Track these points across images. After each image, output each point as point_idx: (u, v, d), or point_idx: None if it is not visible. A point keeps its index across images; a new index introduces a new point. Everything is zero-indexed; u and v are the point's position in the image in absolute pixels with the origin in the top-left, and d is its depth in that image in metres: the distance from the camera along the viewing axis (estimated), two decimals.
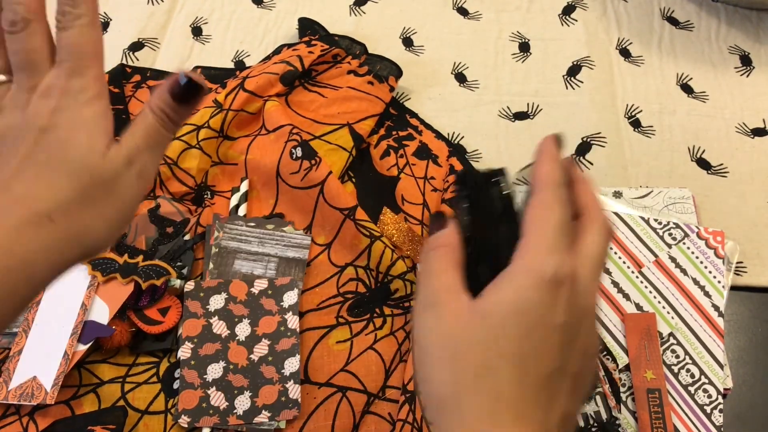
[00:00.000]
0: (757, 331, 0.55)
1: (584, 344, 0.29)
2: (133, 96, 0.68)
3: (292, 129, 0.60)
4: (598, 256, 0.30)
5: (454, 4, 0.78)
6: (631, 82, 0.70)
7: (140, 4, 0.78)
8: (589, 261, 0.30)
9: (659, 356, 0.52)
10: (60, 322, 0.51)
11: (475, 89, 0.70)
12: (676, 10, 0.76)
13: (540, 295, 0.28)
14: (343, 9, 0.77)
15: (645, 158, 0.65)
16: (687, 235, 0.57)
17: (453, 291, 0.30)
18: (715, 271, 0.56)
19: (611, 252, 0.57)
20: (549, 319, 0.28)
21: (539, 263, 0.28)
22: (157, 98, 0.32)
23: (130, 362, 0.53)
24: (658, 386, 0.51)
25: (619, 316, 0.54)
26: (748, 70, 0.71)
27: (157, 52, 0.73)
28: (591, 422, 0.50)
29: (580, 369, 0.29)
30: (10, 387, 0.49)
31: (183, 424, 0.49)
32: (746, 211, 0.61)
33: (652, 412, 0.50)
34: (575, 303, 0.29)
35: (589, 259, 0.30)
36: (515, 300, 0.28)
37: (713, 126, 0.67)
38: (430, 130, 0.65)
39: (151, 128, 0.32)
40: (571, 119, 0.67)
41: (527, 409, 0.28)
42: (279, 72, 0.64)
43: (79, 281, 0.53)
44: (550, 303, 0.28)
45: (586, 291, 0.29)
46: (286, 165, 0.59)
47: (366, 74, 0.67)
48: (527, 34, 0.75)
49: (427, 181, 0.61)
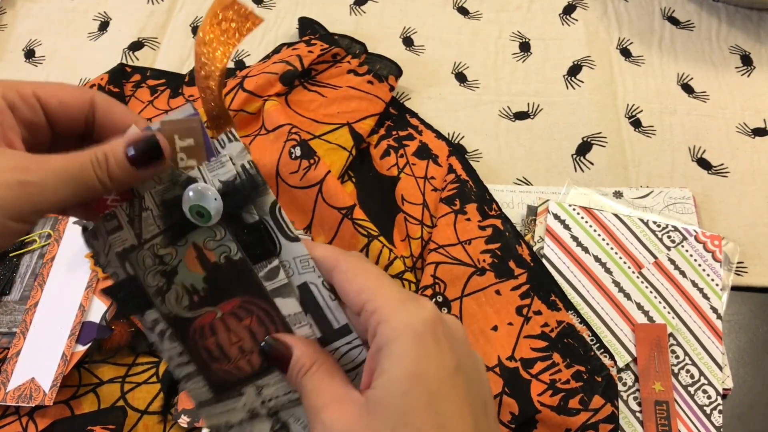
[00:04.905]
0: (758, 331, 0.55)
1: (478, 372, 0.29)
2: (133, 96, 0.68)
3: (292, 128, 0.60)
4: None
5: (454, 4, 0.77)
6: (631, 81, 0.70)
7: (140, 4, 0.78)
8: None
9: (668, 368, 0.52)
10: (58, 324, 0.51)
11: (476, 89, 0.70)
12: (677, 10, 0.76)
13: (424, 349, 0.26)
14: (343, 8, 0.77)
15: (645, 158, 0.64)
16: (685, 238, 0.57)
17: (338, 401, 0.27)
18: (713, 274, 0.56)
19: (612, 252, 0.57)
20: (442, 365, 0.26)
21: (404, 318, 0.26)
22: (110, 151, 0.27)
23: (129, 362, 0.53)
24: (666, 398, 0.51)
25: (629, 325, 0.54)
26: (749, 69, 0.71)
27: (156, 51, 0.73)
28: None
29: (487, 392, 0.29)
30: (9, 388, 0.49)
31: (183, 424, 0.49)
32: (747, 211, 0.61)
33: (659, 424, 0.50)
34: (452, 336, 0.27)
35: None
36: (405, 368, 0.26)
37: (714, 126, 0.67)
38: (431, 129, 0.65)
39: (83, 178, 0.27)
40: (572, 119, 0.67)
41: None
42: (278, 71, 0.64)
43: (77, 282, 0.53)
44: (436, 350, 0.26)
45: (454, 324, 0.28)
46: (286, 165, 0.59)
47: (366, 73, 0.67)
48: (528, 33, 0.75)
49: (427, 180, 0.61)
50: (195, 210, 0.28)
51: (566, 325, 0.54)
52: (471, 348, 0.29)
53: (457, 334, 0.28)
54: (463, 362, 0.27)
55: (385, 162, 0.63)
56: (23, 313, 0.53)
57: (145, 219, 0.28)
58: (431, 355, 0.26)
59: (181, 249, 0.29)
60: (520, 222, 0.60)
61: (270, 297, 0.30)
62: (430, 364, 0.26)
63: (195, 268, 0.29)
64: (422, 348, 0.26)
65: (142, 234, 0.29)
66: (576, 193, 0.61)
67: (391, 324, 0.26)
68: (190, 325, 0.30)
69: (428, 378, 0.26)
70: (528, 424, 0.50)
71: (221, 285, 0.30)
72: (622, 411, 0.51)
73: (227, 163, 0.28)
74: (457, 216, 0.59)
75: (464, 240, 0.57)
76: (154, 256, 0.29)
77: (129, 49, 0.73)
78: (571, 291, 0.56)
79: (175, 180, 0.28)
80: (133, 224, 0.28)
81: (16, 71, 0.73)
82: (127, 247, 0.29)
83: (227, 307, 0.30)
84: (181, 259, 0.29)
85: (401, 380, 0.26)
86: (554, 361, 0.52)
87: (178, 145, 0.28)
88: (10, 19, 0.77)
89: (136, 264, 0.29)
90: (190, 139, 0.28)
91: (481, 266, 0.56)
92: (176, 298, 0.30)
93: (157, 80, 0.70)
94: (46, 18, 0.77)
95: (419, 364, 0.26)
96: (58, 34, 0.76)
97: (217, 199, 0.28)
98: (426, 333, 0.26)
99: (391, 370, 0.26)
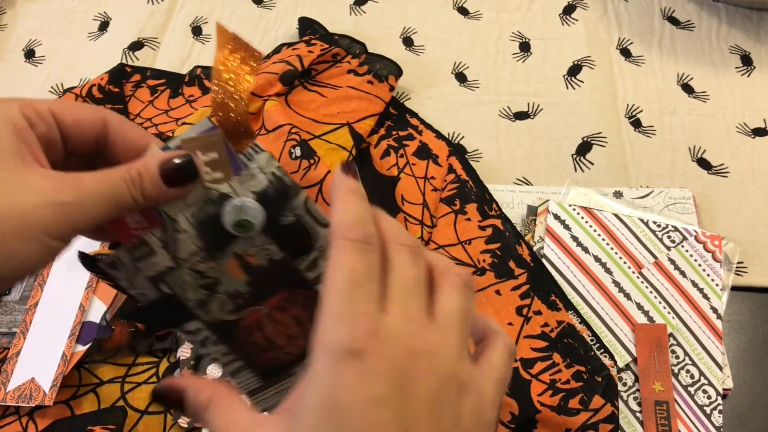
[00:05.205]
0: (758, 331, 0.55)
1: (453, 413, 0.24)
2: (133, 95, 0.68)
3: (292, 129, 0.60)
4: (502, 369, 0.27)
5: (454, 4, 0.77)
6: (631, 81, 0.70)
7: (140, 4, 0.78)
8: (493, 372, 0.27)
9: (668, 368, 0.52)
10: (58, 324, 0.51)
11: (476, 89, 0.70)
12: (677, 10, 0.76)
13: (341, 376, 0.23)
14: (343, 8, 0.77)
15: (645, 158, 0.64)
16: (685, 238, 0.57)
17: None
18: (713, 274, 0.56)
19: (612, 252, 0.57)
20: (360, 395, 0.22)
21: (327, 336, 0.23)
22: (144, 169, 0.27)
23: (129, 362, 0.53)
24: (666, 399, 0.51)
25: (629, 325, 0.54)
26: (749, 69, 0.71)
27: (156, 51, 0.73)
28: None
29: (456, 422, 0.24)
30: (9, 388, 0.49)
31: (183, 424, 0.49)
32: (747, 211, 0.61)
33: (659, 424, 0.50)
34: (395, 357, 0.23)
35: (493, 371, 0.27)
36: (319, 396, 0.23)
37: (714, 126, 0.67)
38: (431, 129, 0.65)
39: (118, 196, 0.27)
40: (572, 119, 0.67)
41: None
42: (278, 71, 0.64)
43: (77, 282, 0.53)
44: (355, 377, 0.23)
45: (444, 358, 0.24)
46: (286, 165, 0.59)
47: (366, 73, 0.67)
48: (528, 33, 0.75)
49: (427, 180, 0.61)
50: (238, 224, 0.28)
51: (566, 325, 0.54)
52: (455, 376, 0.25)
53: (407, 355, 0.24)
54: (394, 392, 0.23)
55: (385, 162, 0.63)
56: (23, 313, 0.53)
57: (181, 241, 0.28)
58: (347, 384, 0.23)
59: (222, 261, 0.29)
60: (520, 222, 0.60)
61: (312, 285, 0.31)
62: (347, 392, 0.23)
63: (238, 275, 0.29)
64: (339, 373, 0.23)
65: (178, 254, 0.28)
66: (576, 193, 0.61)
67: (319, 341, 0.24)
68: (235, 327, 0.31)
69: (341, 409, 0.22)
70: (528, 424, 0.50)
71: (265, 285, 0.30)
72: (622, 411, 0.51)
73: (258, 174, 0.28)
74: (457, 216, 0.59)
75: (464, 240, 0.57)
76: (194, 272, 0.29)
77: (129, 49, 0.73)
78: (571, 291, 0.56)
79: (208, 198, 0.28)
80: (167, 248, 0.28)
81: (16, 71, 0.73)
82: (162, 269, 0.28)
83: (272, 303, 0.31)
84: (223, 271, 0.29)
85: (315, 409, 0.23)
86: (554, 361, 0.52)
87: (203, 160, 0.28)
88: (10, 19, 0.77)
89: (174, 283, 0.29)
90: (213, 153, 0.28)
91: (481, 266, 0.56)
92: (219, 306, 0.30)
93: (157, 80, 0.70)
94: (46, 18, 0.77)
95: (332, 393, 0.23)
96: (58, 34, 0.76)
97: (259, 208, 0.28)
98: (346, 355, 0.23)
99: (305, 397, 0.24)
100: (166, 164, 0.27)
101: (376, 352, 0.23)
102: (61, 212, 0.25)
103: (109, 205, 0.26)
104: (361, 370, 0.23)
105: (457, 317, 0.26)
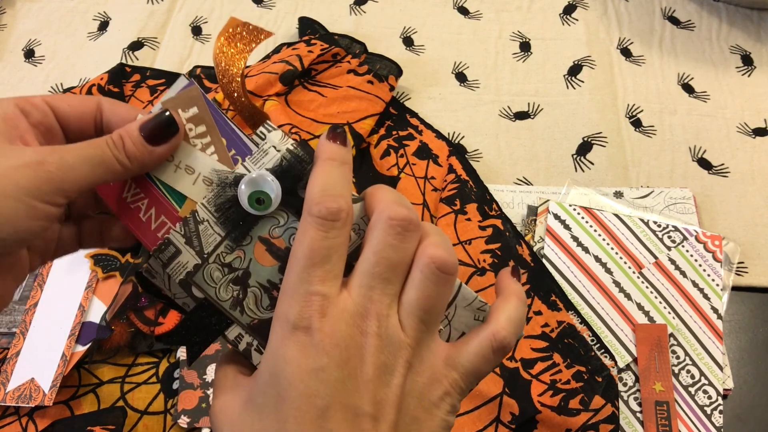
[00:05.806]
0: (758, 331, 0.55)
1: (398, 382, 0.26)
2: (133, 95, 0.68)
3: (292, 128, 0.60)
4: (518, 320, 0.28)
5: (454, 4, 0.77)
6: (631, 81, 0.70)
7: (140, 4, 0.77)
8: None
9: (669, 368, 0.52)
10: (58, 324, 0.51)
11: (476, 89, 0.70)
12: (677, 10, 0.76)
13: (287, 348, 0.25)
14: (343, 8, 0.77)
15: (646, 158, 0.64)
16: (686, 238, 0.57)
17: (230, 389, 0.28)
18: (713, 274, 0.56)
19: (613, 252, 0.57)
20: (298, 367, 0.25)
21: (280, 311, 0.26)
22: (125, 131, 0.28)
23: (129, 362, 0.52)
24: (667, 399, 0.51)
25: (630, 325, 0.54)
26: (749, 69, 0.71)
27: (156, 51, 0.73)
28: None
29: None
30: (8, 389, 0.49)
31: (183, 424, 0.49)
32: (747, 211, 0.61)
33: (659, 424, 0.50)
34: (340, 334, 0.25)
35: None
36: (268, 364, 0.25)
37: (714, 126, 0.67)
38: (431, 129, 0.65)
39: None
40: (572, 119, 0.67)
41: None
42: (278, 71, 0.64)
43: (77, 283, 0.53)
44: (299, 350, 0.25)
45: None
46: None
47: (366, 73, 0.67)
48: (528, 33, 0.75)
49: (427, 180, 0.61)
50: (254, 198, 0.28)
51: (566, 326, 0.54)
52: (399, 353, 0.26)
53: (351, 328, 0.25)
54: (333, 366, 0.25)
55: (385, 162, 0.63)
56: (23, 313, 0.53)
57: (203, 231, 0.28)
58: (289, 356, 0.25)
59: (248, 248, 0.28)
60: (521, 222, 0.60)
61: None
62: (288, 364, 0.25)
63: (267, 261, 0.28)
64: (284, 345, 0.25)
65: (203, 249, 0.28)
66: (576, 193, 0.61)
67: (275, 314, 0.26)
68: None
69: (281, 379, 0.25)
70: (528, 425, 0.50)
71: None
72: (623, 411, 0.51)
73: (270, 151, 0.28)
74: (458, 216, 0.58)
75: (464, 240, 0.57)
76: (222, 266, 0.28)
77: (129, 49, 0.73)
78: (572, 291, 0.56)
79: (223, 182, 0.28)
80: (191, 243, 0.28)
81: (16, 71, 0.73)
82: (190, 269, 0.28)
83: None
84: (251, 258, 0.28)
85: (263, 376, 0.26)
86: (555, 361, 0.52)
87: (184, 117, 0.28)
88: (10, 19, 0.77)
89: (204, 283, 0.28)
90: (193, 108, 0.28)
91: (482, 266, 0.56)
92: (255, 302, 0.29)
93: (156, 80, 0.70)
94: (46, 18, 0.77)
95: (276, 364, 0.25)
96: (58, 34, 0.76)
97: (273, 180, 0.27)
98: (294, 331, 0.25)
99: (260, 365, 0.26)
100: (144, 122, 0.28)
101: (321, 329, 0.25)
102: (43, 171, 0.25)
103: (93, 165, 0.27)
104: (304, 345, 0.25)
105: (417, 306, 0.26)
